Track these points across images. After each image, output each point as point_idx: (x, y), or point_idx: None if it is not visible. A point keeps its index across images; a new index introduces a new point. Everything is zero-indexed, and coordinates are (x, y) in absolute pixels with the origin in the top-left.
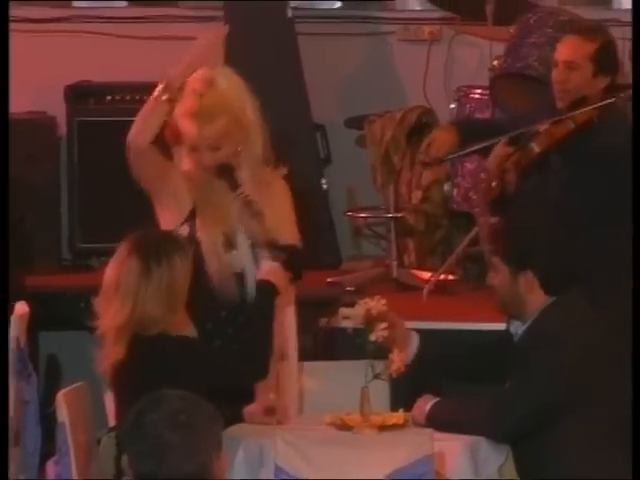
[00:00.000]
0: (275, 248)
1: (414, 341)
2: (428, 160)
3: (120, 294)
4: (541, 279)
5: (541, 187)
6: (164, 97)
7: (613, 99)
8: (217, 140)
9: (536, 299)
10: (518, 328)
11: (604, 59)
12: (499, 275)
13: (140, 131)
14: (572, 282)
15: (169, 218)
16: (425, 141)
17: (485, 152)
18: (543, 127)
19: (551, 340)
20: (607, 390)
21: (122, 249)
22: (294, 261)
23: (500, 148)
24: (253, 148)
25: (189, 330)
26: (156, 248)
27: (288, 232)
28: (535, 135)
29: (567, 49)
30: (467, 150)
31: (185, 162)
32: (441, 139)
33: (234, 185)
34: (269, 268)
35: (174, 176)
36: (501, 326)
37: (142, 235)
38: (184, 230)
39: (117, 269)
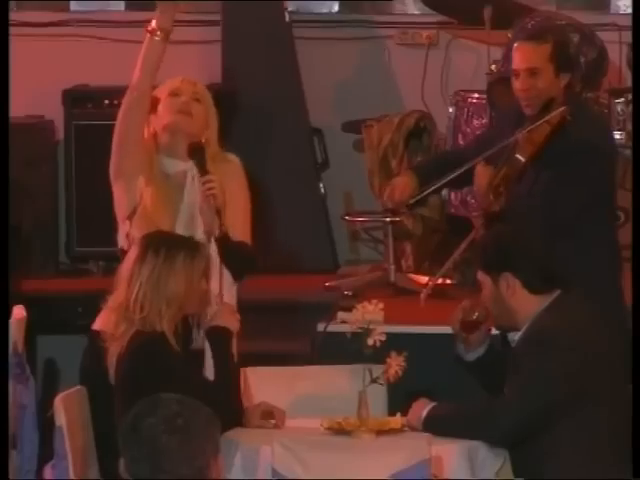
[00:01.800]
0: (226, 244)
1: None
2: (392, 206)
3: (120, 279)
4: (521, 278)
5: (522, 191)
6: (157, 37)
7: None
8: (195, 101)
9: (524, 303)
10: (516, 334)
11: (562, 57)
12: (485, 288)
13: (143, 73)
14: (555, 279)
15: (123, 204)
16: (387, 189)
17: (453, 185)
18: (520, 136)
19: (546, 344)
20: (604, 391)
21: (135, 243)
22: (241, 260)
23: (482, 169)
24: (213, 134)
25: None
26: (159, 241)
27: (240, 229)
28: (516, 146)
29: (525, 56)
30: (432, 187)
31: (165, 115)
32: (402, 184)
33: (203, 170)
34: (217, 311)
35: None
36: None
37: (151, 233)
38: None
39: (125, 260)
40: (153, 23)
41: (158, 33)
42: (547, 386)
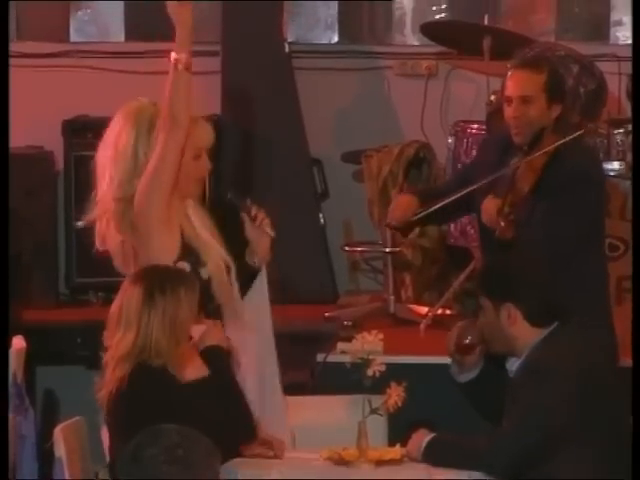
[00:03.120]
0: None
1: None
2: (395, 224)
3: (123, 322)
4: (524, 311)
5: (521, 220)
6: (180, 67)
7: (582, 131)
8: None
9: (524, 333)
10: (513, 364)
11: (555, 88)
12: (485, 312)
13: (183, 104)
14: (556, 312)
15: (164, 247)
16: (390, 207)
17: (452, 213)
18: (517, 165)
19: (543, 375)
20: (602, 421)
21: (126, 282)
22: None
23: (489, 201)
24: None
25: (195, 366)
26: (160, 278)
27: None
28: (516, 175)
29: (519, 84)
30: (433, 207)
31: (201, 165)
32: (404, 203)
33: (245, 207)
34: (208, 331)
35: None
36: None
37: (147, 268)
38: (183, 266)
39: (120, 299)
40: (174, 54)
41: (182, 62)
42: (545, 417)
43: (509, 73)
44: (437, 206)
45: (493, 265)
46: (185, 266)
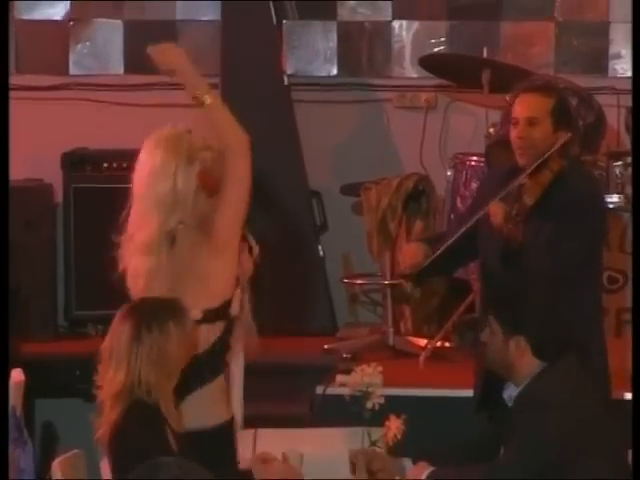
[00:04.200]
0: None
1: None
2: (406, 272)
3: (114, 360)
4: (533, 345)
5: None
6: (207, 101)
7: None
8: None
9: (527, 363)
10: (512, 392)
11: (562, 114)
12: (494, 336)
13: (235, 127)
14: (565, 349)
15: (226, 274)
16: (400, 257)
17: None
18: (524, 180)
19: (543, 406)
20: (599, 453)
21: (117, 317)
22: None
23: (495, 206)
24: None
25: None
26: (148, 314)
27: None
28: (523, 188)
29: (526, 106)
30: (444, 246)
31: None
32: (412, 250)
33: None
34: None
35: None
36: None
37: (137, 302)
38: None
39: (111, 336)
40: (193, 95)
41: (203, 97)
42: (543, 448)
43: (518, 96)
44: (448, 243)
45: (511, 296)
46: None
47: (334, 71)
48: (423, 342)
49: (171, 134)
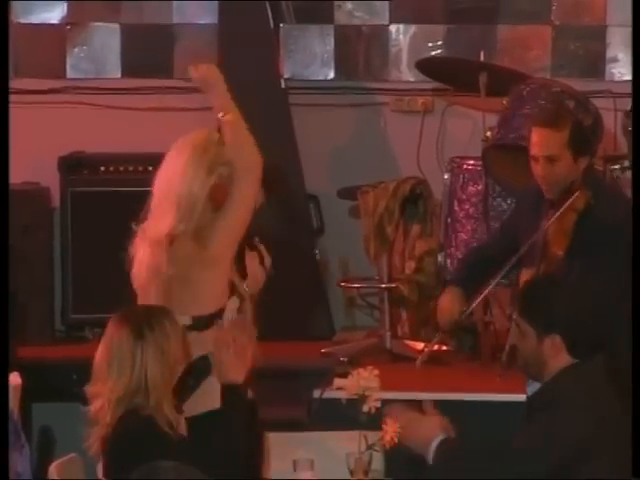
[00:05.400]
0: None
1: None
2: (445, 327)
3: (115, 368)
4: (568, 343)
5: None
6: (234, 123)
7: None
8: None
9: (559, 363)
10: (532, 386)
11: (579, 142)
12: (525, 337)
13: (254, 149)
14: (598, 347)
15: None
16: (438, 309)
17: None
18: (547, 226)
19: (564, 401)
20: (612, 456)
21: (110, 327)
22: None
23: (524, 275)
24: None
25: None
26: (144, 316)
27: None
28: (547, 239)
29: (542, 143)
30: (481, 296)
31: None
32: (447, 303)
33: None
34: (232, 365)
35: None
36: (494, 397)
37: (127, 310)
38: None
39: (107, 345)
40: (222, 116)
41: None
42: (559, 444)
43: (533, 128)
44: (485, 293)
45: (544, 295)
46: (236, 301)
47: (331, 75)
48: (420, 346)
49: (202, 140)
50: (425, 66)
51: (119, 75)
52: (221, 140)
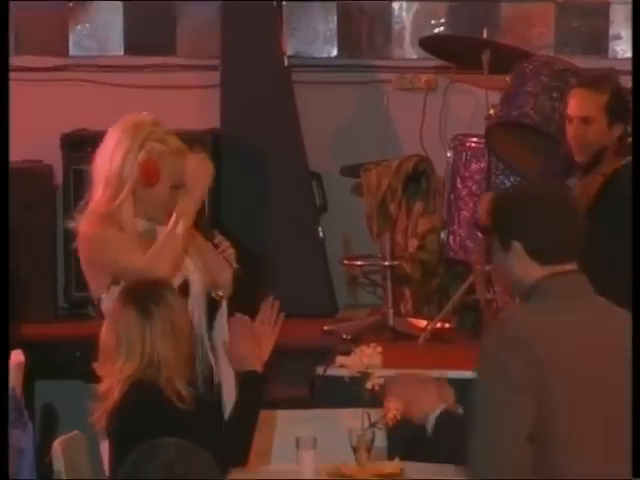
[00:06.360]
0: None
1: None
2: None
3: (124, 349)
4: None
5: None
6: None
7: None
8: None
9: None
10: None
11: (617, 108)
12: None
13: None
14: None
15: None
16: (480, 208)
17: None
18: (574, 188)
19: None
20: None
21: (115, 305)
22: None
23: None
24: None
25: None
26: (148, 291)
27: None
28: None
29: (580, 104)
30: None
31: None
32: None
33: (210, 234)
34: (251, 353)
35: None
36: None
37: (131, 286)
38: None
39: (114, 327)
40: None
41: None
42: None
43: (572, 90)
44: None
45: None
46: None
47: (334, 52)
48: (423, 323)
49: (134, 121)
50: (428, 44)
51: (122, 52)
52: (156, 121)
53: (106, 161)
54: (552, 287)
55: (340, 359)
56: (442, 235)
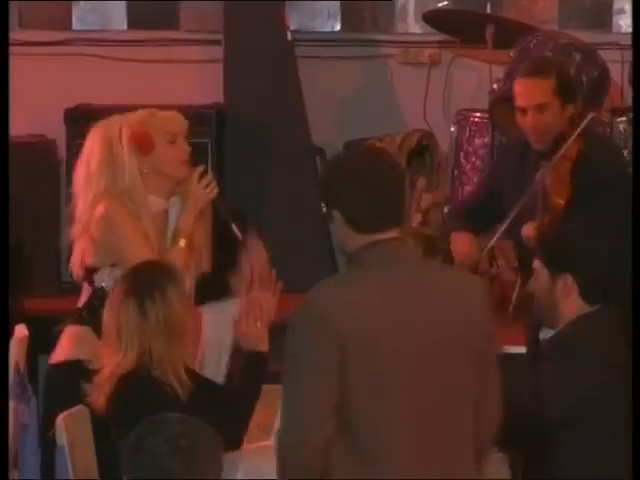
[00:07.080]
0: None
1: None
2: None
3: (124, 340)
4: (580, 284)
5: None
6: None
7: (592, 114)
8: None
9: (572, 305)
10: (546, 334)
11: (565, 89)
12: (538, 278)
13: None
14: (612, 293)
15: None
16: (453, 249)
17: None
18: (544, 178)
19: (576, 352)
20: (614, 409)
21: (117, 291)
22: None
23: (528, 228)
24: None
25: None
26: (148, 283)
27: None
28: (545, 189)
29: (530, 92)
30: (495, 237)
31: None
32: (466, 241)
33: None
34: (260, 334)
35: None
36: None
37: (133, 272)
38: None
39: (115, 313)
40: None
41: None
42: (565, 396)
43: (517, 80)
44: (496, 236)
45: (558, 235)
46: None
47: (337, 27)
48: None
49: (104, 125)
50: (432, 18)
51: (125, 27)
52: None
53: (85, 169)
54: (366, 255)
55: None
56: (445, 210)
